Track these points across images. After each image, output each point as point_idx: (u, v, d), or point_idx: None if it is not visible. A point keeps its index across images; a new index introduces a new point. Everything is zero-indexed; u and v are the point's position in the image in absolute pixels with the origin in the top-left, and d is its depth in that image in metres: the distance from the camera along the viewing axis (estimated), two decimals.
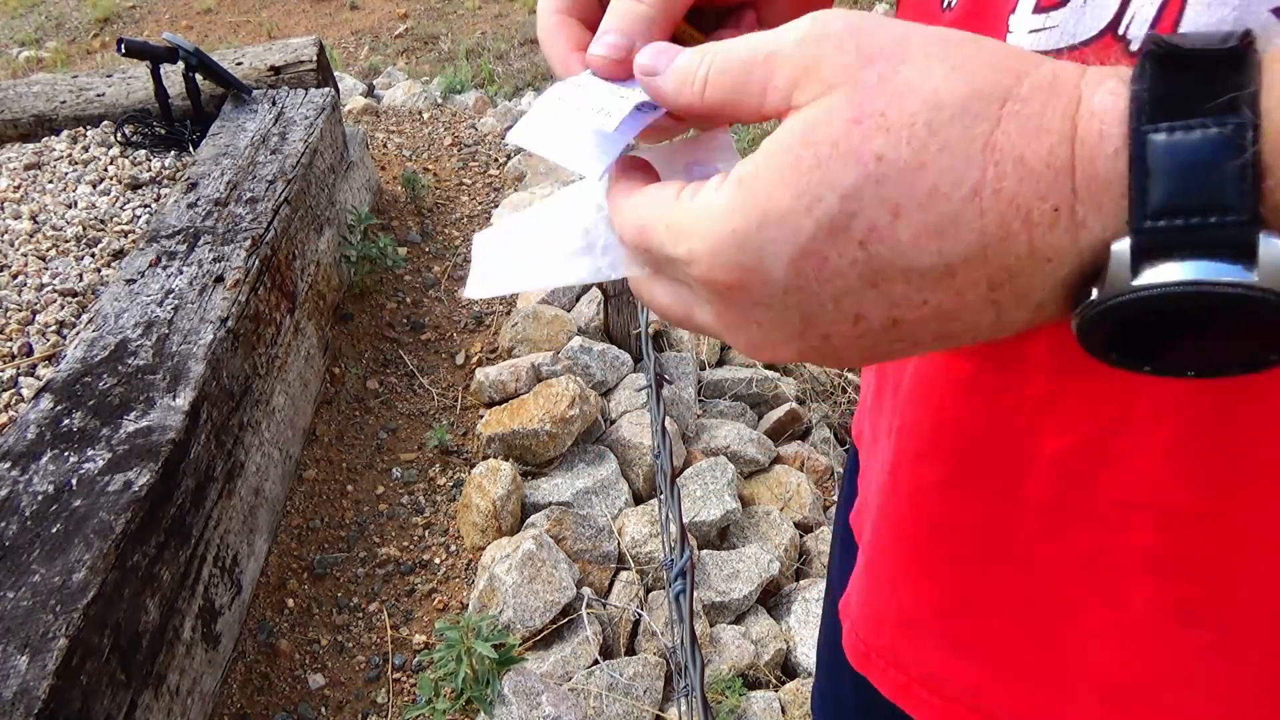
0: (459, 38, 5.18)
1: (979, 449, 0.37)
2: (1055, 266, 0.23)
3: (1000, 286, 0.23)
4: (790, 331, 0.26)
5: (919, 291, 0.24)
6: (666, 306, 0.31)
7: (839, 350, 0.27)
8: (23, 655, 0.92)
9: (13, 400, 1.38)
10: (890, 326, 0.25)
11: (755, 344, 0.28)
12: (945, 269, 0.23)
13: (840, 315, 0.25)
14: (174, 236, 1.61)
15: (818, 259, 0.24)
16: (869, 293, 0.24)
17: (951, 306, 0.24)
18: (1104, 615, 0.35)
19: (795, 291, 0.25)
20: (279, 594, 1.53)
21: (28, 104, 2.23)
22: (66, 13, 5.89)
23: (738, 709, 1.41)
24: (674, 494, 0.78)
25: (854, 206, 0.24)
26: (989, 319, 0.25)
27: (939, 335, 0.25)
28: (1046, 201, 0.22)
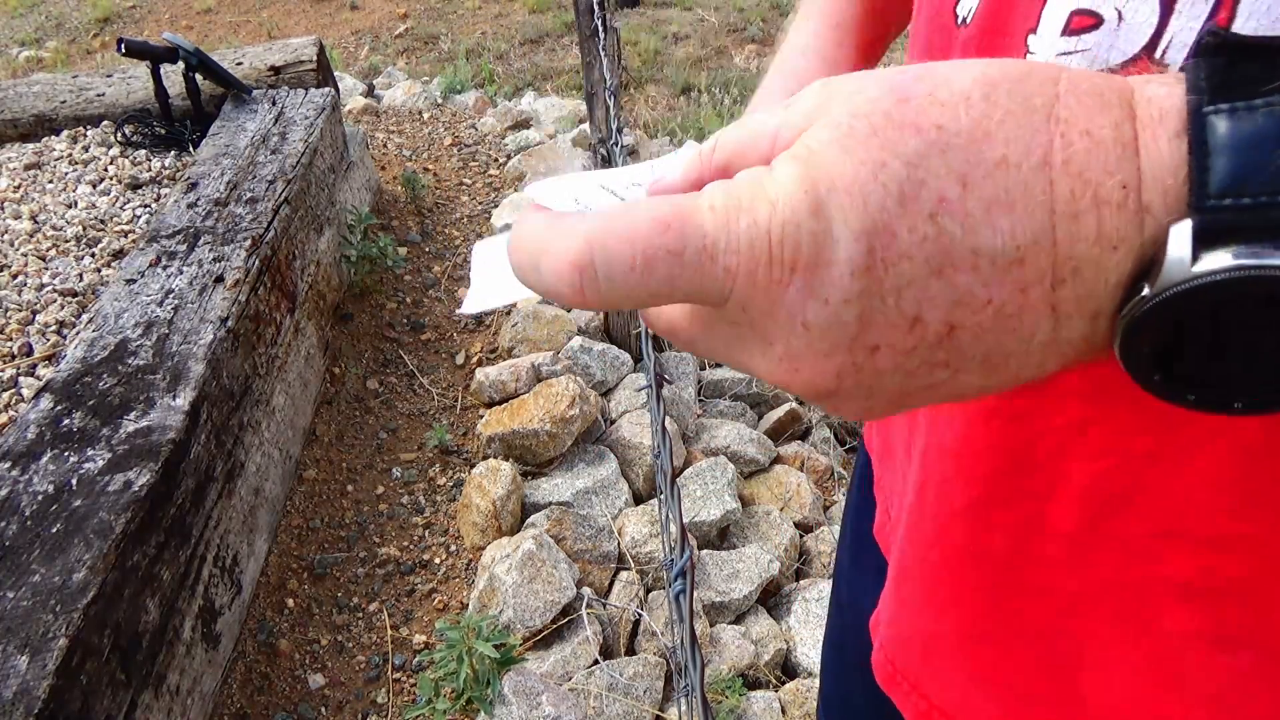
0: (459, 38, 5.18)
1: (1006, 476, 0.36)
2: (1119, 259, 0.21)
3: (1063, 283, 0.22)
4: (839, 339, 0.23)
5: (984, 286, 0.22)
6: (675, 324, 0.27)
7: (878, 374, 0.24)
8: (23, 655, 0.92)
9: (13, 400, 1.38)
10: (945, 337, 0.23)
11: (792, 355, 0.24)
12: (1014, 253, 0.21)
13: (899, 316, 0.22)
14: (174, 236, 1.61)
15: (888, 234, 0.22)
16: (933, 283, 0.22)
17: (1014, 308, 0.22)
18: (1133, 646, 0.34)
19: (860, 275, 0.22)
20: (279, 594, 1.53)
21: (28, 104, 2.23)
22: (66, 13, 5.89)
23: (738, 709, 1.41)
24: (674, 494, 0.78)
25: (921, 174, 0.21)
26: (1045, 331, 0.22)
27: (989, 355, 0.23)
28: (1115, 177, 0.21)
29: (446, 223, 2.59)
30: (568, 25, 5.13)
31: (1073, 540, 0.35)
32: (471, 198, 2.73)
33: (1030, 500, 0.36)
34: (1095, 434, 0.32)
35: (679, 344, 0.28)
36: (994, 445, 0.36)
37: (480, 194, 2.75)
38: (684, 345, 0.28)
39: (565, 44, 5.03)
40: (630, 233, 0.24)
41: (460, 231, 2.56)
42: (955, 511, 0.38)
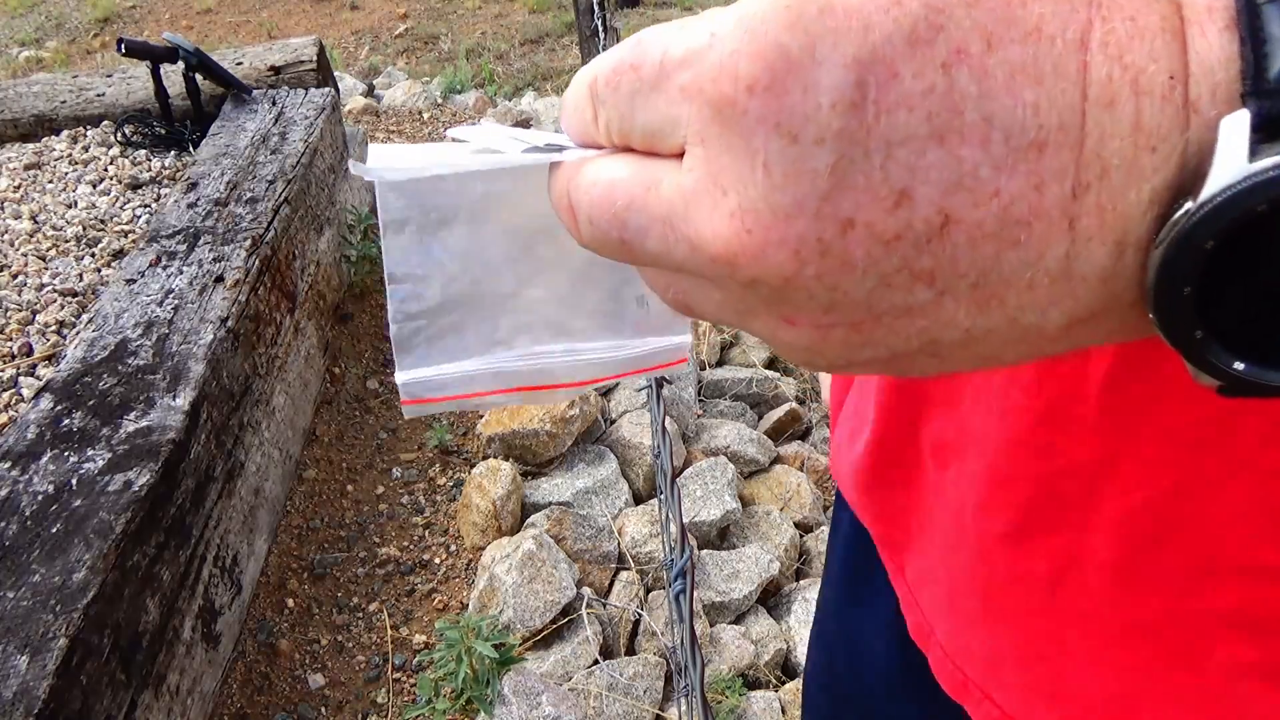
0: (459, 38, 5.19)
1: (1041, 506, 0.35)
2: (1156, 163, 0.18)
3: (1087, 190, 0.18)
4: (806, 194, 0.18)
5: (994, 169, 0.18)
6: (615, 180, 0.22)
7: (847, 269, 0.19)
8: (23, 655, 0.92)
9: (13, 400, 1.38)
10: (936, 232, 0.18)
11: (746, 209, 0.19)
12: (1035, 135, 0.18)
13: (883, 183, 0.18)
14: (174, 236, 1.61)
15: (887, 70, 0.18)
16: (931, 150, 0.18)
17: (1024, 209, 0.18)
18: (1185, 679, 0.34)
19: (843, 110, 0.18)
20: (279, 594, 1.53)
21: (28, 104, 2.23)
22: (66, 13, 5.90)
23: (738, 709, 1.41)
24: (674, 494, 0.78)
25: (941, 20, 0.18)
26: (1058, 253, 0.18)
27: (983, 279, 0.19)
28: (1159, 64, 0.18)
29: None
30: (568, 25, 5.14)
31: (1114, 571, 0.33)
32: None
33: (1068, 530, 0.35)
34: (1124, 469, 0.31)
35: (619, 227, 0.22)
36: (1025, 475, 0.35)
37: None
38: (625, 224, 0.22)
39: (565, 44, 5.03)
40: (613, 51, 0.22)
41: None
42: (996, 535, 0.38)
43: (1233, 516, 0.29)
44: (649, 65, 0.21)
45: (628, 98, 0.21)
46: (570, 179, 0.23)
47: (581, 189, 0.23)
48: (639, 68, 0.21)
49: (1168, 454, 0.29)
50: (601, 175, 0.22)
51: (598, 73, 0.22)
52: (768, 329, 0.21)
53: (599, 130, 0.23)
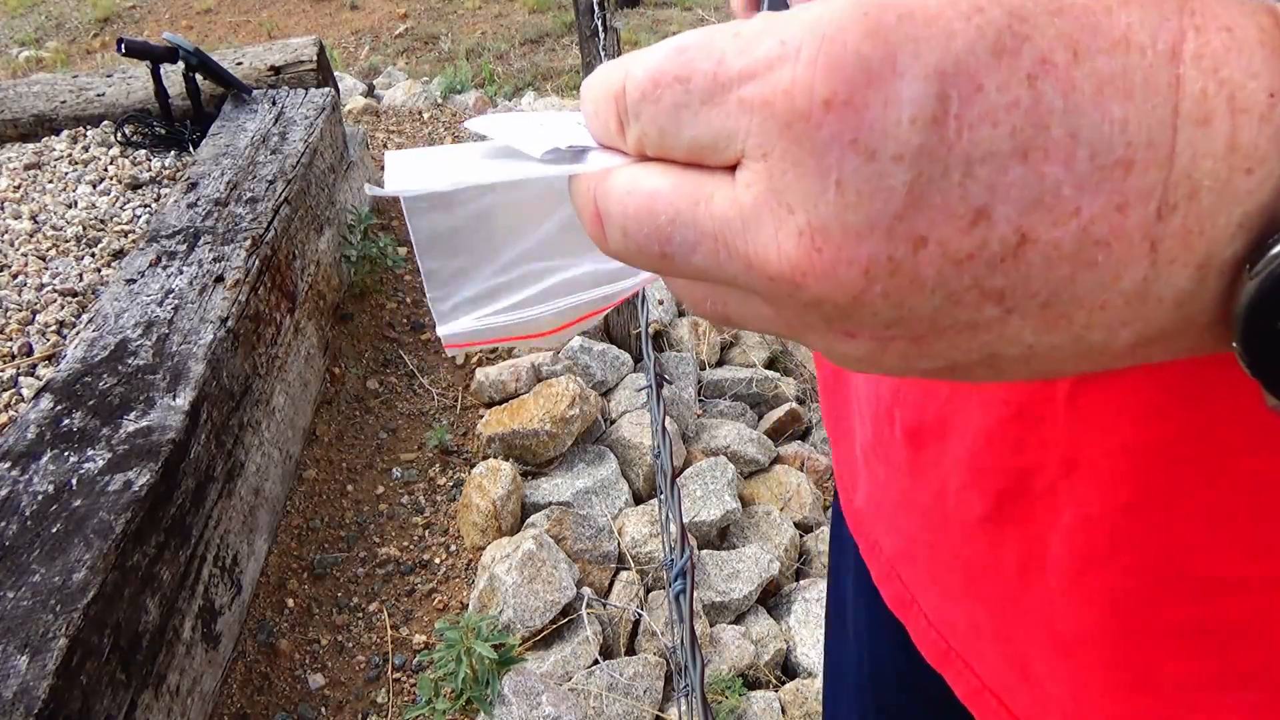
0: (459, 38, 5.19)
1: (1010, 498, 0.35)
2: (1252, 186, 0.17)
3: (1174, 211, 0.17)
4: (880, 213, 0.17)
5: (1077, 189, 0.17)
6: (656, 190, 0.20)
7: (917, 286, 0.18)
8: (23, 655, 0.92)
9: (13, 400, 1.38)
10: (1011, 252, 0.17)
11: (818, 229, 0.18)
12: (1123, 150, 0.17)
13: (961, 202, 0.17)
14: (174, 236, 1.61)
15: (971, 83, 0.17)
16: (1014, 168, 0.17)
17: (1104, 229, 0.17)
18: (1132, 693, 0.34)
19: (925, 127, 0.17)
20: (279, 594, 1.53)
21: (28, 104, 2.23)
22: (66, 13, 5.90)
23: (738, 709, 1.41)
24: (674, 494, 0.78)
25: (1025, 29, 0.17)
26: (1135, 277, 0.18)
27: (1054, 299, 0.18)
28: (1259, 80, 0.16)
29: None
30: (568, 25, 5.14)
31: (1067, 579, 0.34)
32: None
33: (1035, 524, 0.35)
34: (1081, 479, 0.31)
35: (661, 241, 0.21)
36: (999, 466, 0.35)
37: None
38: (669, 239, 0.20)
39: (565, 44, 5.03)
40: (649, 56, 0.20)
41: None
42: (976, 518, 0.38)
43: (1189, 532, 0.29)
44: (700, 76, 0.19)
45: (671, 111, 0.20)
46: (598, 186, 0.22)
47: (614, 199, 0.21)
48: (687, 80, 0.19)
49: (1124, 467, 0.29)
50: (640, 185, 0.21)
51: (627, 82, 0.20)
52: (824, 343, 0.20)
53: (626, 141, 0.21)
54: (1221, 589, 0.29)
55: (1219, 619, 0.30)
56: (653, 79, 0.20)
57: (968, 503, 0.38)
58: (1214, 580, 0.29)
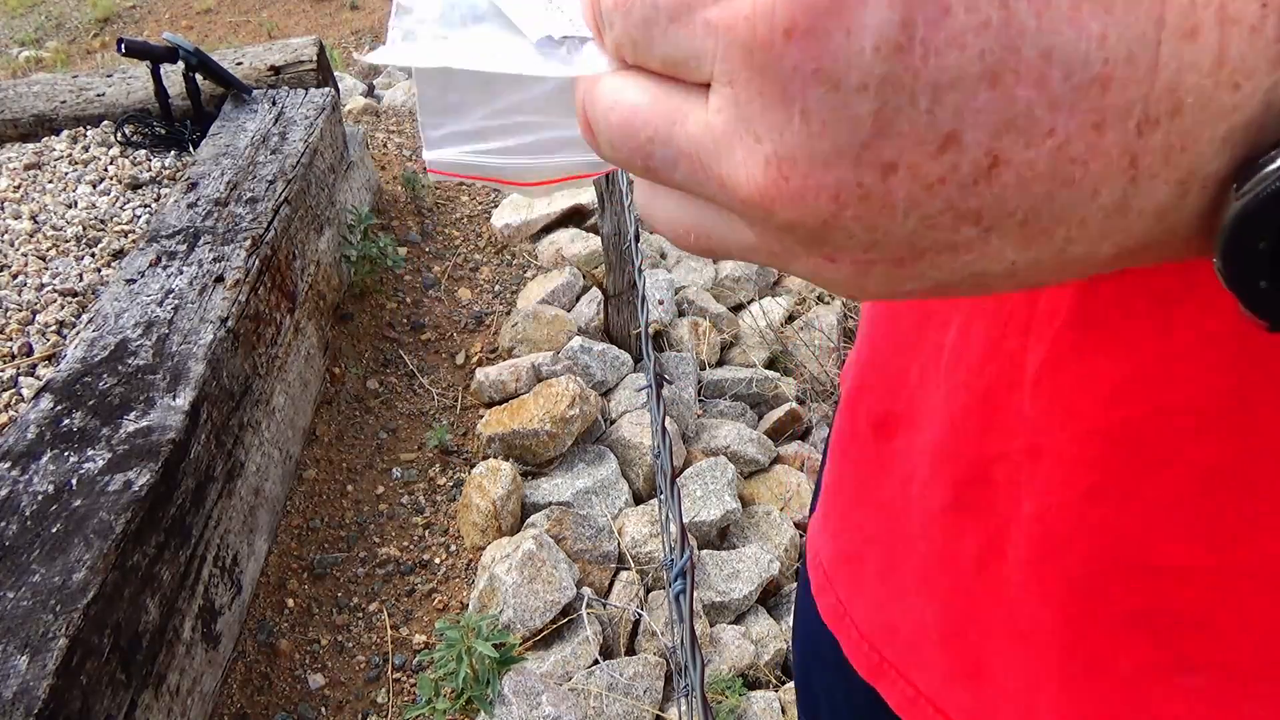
0: None
1: (972, 487, 0.35)
2: (1238, 101, 0.16)
3: (1155, 125, 0.17)
4: (847, 142, 0.17)
5: (1050, 109, 0.16)
6: (635, 108, 0.20)
7: (889, 210, 0.18)
8: (23, 655, 0.92)
9: (13, 400, 1.38)
10: (983, 174, 0.17)
11: (784, 157, 0.18)
12: (1100, 70, 0.16)
13: (929, 128, 0.17)
14: (174, 236, 1.61)
15: (937, 6, 0.16)
16: (983, 92, 0.16)
17: (1080, 148, 0.17)
18: (1088, 682, 0.34)
19: (889, 55, 0.16)
20: (279, 594, 1.53)
21: (28, 104, 2.23)
22: (66, 13, 5.89)
23: (738, 709, 1.41)
24: (674, 494, 0.78)
25: None
26: (1114, 194, 0.17)
27: (1032, 216, 0.18)
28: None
29: (446, 223, 2.59)
30: None
31: (1026, 568, 0.34)
32: (471, 198, 2.73)
33: (994, 517, 0.35)
34: (1044, 466, 0.31)
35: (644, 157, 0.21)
36: (962, 453, 0.35)
37: (480, 194, 2.75)
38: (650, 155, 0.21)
39: None
40: None
41: (460, 231, 2.56)
42: (936, 508, 0.38)
43: (1147, 518, 0.29)
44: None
45: (641, 25, 0.19)
46: (586, 94, 0.21)
47: (599, 110, 0.21)
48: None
49: (1088, 452, 0.29)
50: (621, 99, 0.21)
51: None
52: (807, 268, 0.20)
53: (607, 45, 0.21)
54: (1171, 577, 0.30)
55: (1169, 607, 0.30)
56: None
57: (930, 493, 0.38)
58: (1164, 569, 0.30)
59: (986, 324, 0.33)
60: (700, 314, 2.30)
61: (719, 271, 2.51)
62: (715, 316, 2.31)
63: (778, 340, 2.36)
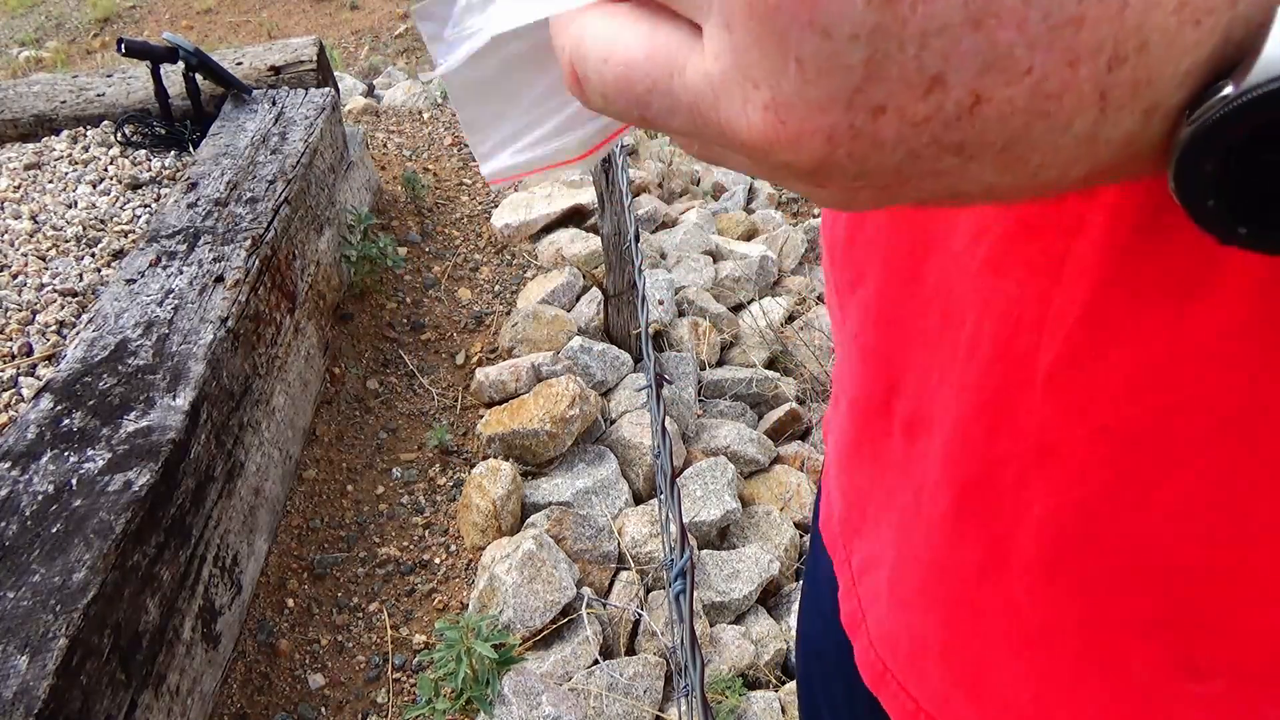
0: None
1: (975, 490, 0.35)
2: (1199, 37, 0.17)
3: (1123, 62, 0.18)
4: (838, 88, 0.18)
5: (1029, 48, 0.17)
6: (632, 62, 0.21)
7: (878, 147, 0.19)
8: (23, 655, 0.92)
9: (13, 400, 1.38)
10: (965, 112, 0.18)
11: (775, 105, 0.19)
12: (1075, 9, 0.17)
13: (916, 72, 0.18)
14: (174, 236, 1.61)
15: None
16: (967, 36, 0.17)
17: (1056, 85, 0.18)
18: (1101, 683, 0.34)
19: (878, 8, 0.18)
20: (279, 594, 1.53)
21: (28, 104, 2.23)
22: (66, 13, 5.89)
23: (738, 709, 1.41)
24: (674, 494, 0.78)
25: None
26: (1085, 124, 0.18)
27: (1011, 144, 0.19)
28: None
29: (446, 223, 2.59)
30: None
31: (1038, 571, 0.33)
32: (471, 198, 2.73)
33: (998, 523, 0.34)
34: (1056, 466, 0.31)
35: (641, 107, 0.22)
36: (969, 457, 0.35)
37: (480, 194, 2.75)
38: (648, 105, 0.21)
39: None
40: None
41: (460, 231, 2.56)
42: (939, 515, 0.38)
43: (1162, 518, 0.29)
44: None
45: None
46: (574, 48, 0.22)
47: (590, 64, 0.22)
48: None
49: (1102, 452, 0.29)
50: (615, 54, 0.21)
51: None
52: (801, 189, 0.22)
53: None
54: (1187, 579, 0.30)
55: (1184, 610, 0.30)
56: None
57: (935, 499, 0.38)
58: (1180, 570, 0.29)
59: (998, 322, 0.32)
60: (700, 314, 2.30)
61: (719, 272, 2.51)
62: (715, 316, 2.32)
63: (778, 340, 2.36)
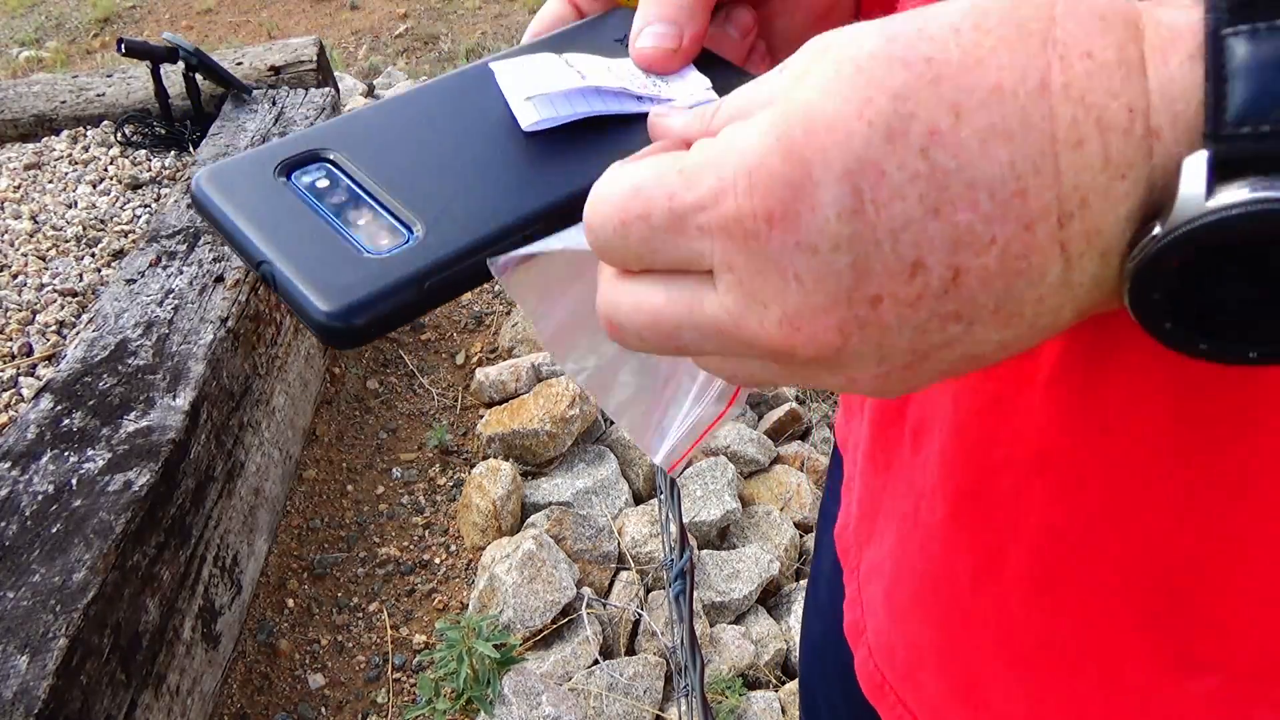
0: (459, 38, 5.19)
1: (970, 501, 0.35)
2: (1128, 187, 0.20)
3: (1071, 218, 0.20)
4: (836, 290, 0.21)
5: (986, 223, 0.20)
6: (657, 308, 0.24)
7: (886, 330, 0.22)
8: (23, 655, 0.92)
9: (13, 400, 1.38)
10: (951, 284, 0.21)
11: (787, 319, 0.22)
12: (1016, 185, 0.20)
13: (897, 261, 0.21)
14: (174, 236, 1.61)
15: (875, 172, 0.20)
16: (931, 224, 0.20)
17: (1020, 247, 0.20)
18: (1095, 687, 0.34)
19: (849, 218, 0.20)
20: (279, 594, 1.53)
21: (28, 104, 2.23)
22: (66, 13, 5.89)
23: (738, 709, 1.41)
24: (674, 494, 0.78)
25: (910, 108, 0.20)
26: (1056, 272, 0.21)
27: (1002, 303, 0.21)
28: (1119, 100, 0.19)
29: None
30: None
31: (1031, 582, 0.33)
32: None
33: (992, 533, 0.34)
34: (1052, 476, 0.31)
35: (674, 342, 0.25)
36: (966, 463, 0.35)
37: None
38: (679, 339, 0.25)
39: None
40: (610, 195, 0.24)
41: None
42: (934, 525, 0.38)
43: (1160, 520, 0.29)
44: (659, 212, 0.23)
45: (642, 242, 0.24)
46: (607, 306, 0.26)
47: (622, 314, 0.25)
48: (648, 217, 0.23)
49: (1102, 456, 0.29)
50: (642, 305, 0.25)
51: (596, 224, 0.24)
52: (836, 384, 0.25)
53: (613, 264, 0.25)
54: (1186, 577, 0.30)
55: (1182, 609, 0.30)
56: (620, 219, 0.24)
57: (932, 506, 0.38)
58: (1179, 569, 0.30)
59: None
60: None
61: None
62: None
63: None
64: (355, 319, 0.25)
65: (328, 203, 0.28)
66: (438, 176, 0.29)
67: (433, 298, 0.26)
